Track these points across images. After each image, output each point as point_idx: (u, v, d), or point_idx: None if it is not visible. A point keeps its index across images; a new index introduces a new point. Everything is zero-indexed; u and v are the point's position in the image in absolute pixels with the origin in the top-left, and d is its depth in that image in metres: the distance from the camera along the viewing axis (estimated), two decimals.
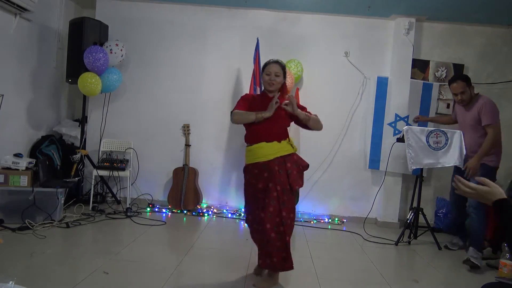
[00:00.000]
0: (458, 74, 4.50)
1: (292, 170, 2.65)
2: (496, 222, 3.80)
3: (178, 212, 4.63)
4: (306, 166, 2.78)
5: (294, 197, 2.70)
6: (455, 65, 4.81)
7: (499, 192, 1.49)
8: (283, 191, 2.59)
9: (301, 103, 4.70)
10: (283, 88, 2.79)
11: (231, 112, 2.73)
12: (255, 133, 2.68)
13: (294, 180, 2.65)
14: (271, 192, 2.58)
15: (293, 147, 2.73)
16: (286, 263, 2.62)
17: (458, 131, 3.94)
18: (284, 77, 2.77)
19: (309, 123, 2.73)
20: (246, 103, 2.75)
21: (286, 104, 2.65)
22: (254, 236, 2.83)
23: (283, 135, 2.71)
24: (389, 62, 4.78)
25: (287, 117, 2.74)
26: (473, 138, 3.69)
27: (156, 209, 4.66)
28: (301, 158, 2.79)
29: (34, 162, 3.94)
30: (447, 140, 3.93)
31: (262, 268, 2.77)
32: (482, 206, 3.47)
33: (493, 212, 1.50)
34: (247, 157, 2.73)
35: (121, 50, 4.48)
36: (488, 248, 3.74)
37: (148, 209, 4.65)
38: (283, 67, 2.75)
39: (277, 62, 2.73)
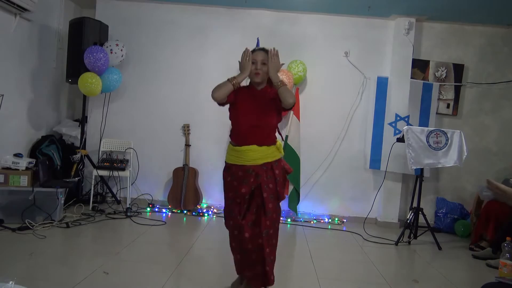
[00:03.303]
0: None
1: (280, 177, 2.46)
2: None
3: (178, 212, 4.63)
4: (291, 171, 2.62)
5: (279, 207, 2.49)
6: (455, 65, 4.80)
7: None
8: (270, 198, 2.38)
9: (301, 103, 4.76)
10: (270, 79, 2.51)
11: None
12: (244, 134, 2.44)
13: (281, 188, 2.46)
14: (255, 198, 2.39)
15: (280, 153, 2.54)
16: (262, 279, 2.38)
17: (458, 131, 3.95)
18: None
19: (280, 90, 2.34)
20: (231, 94, 2.43)
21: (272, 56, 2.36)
22: (232, 245, 2.50)
23: (273, 139, 2.50)
24: (389, 62, 4.78)
25: (274, 113, 2.46)
26: None
27: (156, 209, 4.66)
28: (287, 164, 2.58)
29: (34, 162, 3.94)
30: (447, 140, 3.94)
31: (247, 280, 2.48)
32: None
33: None
34: (232, 156, 2.49)
35: (121, 50, 4.49)
36: (488, 248, 3.74)
37: (148, 209, 4.65)
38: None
39: (263, 49, 2.46)
